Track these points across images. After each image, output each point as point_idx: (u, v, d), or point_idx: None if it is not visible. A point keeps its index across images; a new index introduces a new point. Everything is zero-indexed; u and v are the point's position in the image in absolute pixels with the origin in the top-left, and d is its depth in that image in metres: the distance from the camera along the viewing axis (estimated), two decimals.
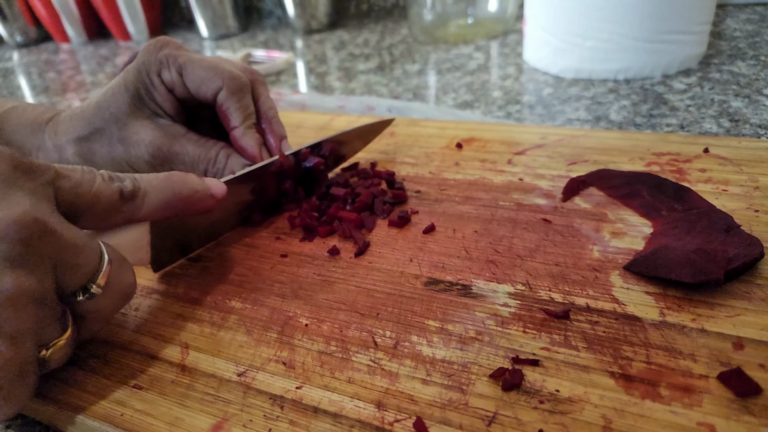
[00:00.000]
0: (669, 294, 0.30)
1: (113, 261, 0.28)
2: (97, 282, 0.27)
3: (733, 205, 0.37)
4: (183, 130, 0.43)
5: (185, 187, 0.33)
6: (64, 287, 0.26)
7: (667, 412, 0.24)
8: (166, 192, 0.32)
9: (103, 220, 0.30)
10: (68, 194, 0.28)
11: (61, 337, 0.26)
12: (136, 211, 0.31)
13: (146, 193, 0.31)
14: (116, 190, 0.30)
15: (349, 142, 0.48)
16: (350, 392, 0.28)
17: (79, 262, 0.26)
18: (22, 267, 0.24)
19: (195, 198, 0.33)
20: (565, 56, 0.67)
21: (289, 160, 0.42)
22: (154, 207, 0.31)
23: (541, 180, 0.43)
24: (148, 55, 0.41)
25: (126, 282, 0.29)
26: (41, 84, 1.03)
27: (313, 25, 1.08)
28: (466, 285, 0.34)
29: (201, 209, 0.34)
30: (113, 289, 0.28)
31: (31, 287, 0.24)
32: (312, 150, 0.44)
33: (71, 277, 0.26)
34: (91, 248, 0.27)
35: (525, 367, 0.27)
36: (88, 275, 0.27)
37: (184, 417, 0.28)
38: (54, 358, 0.26)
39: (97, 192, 0.29)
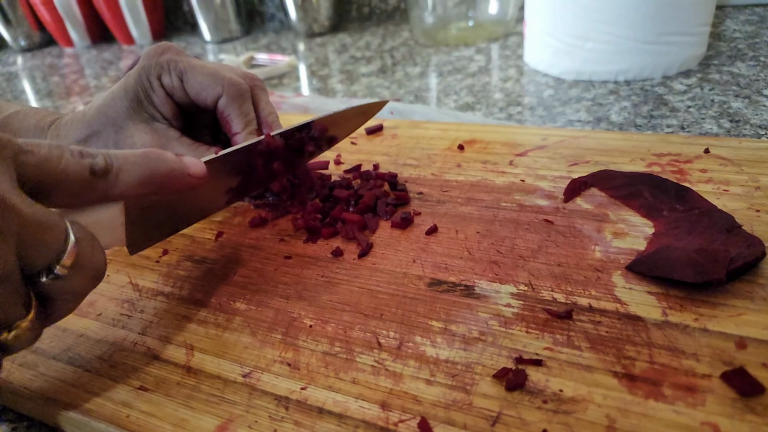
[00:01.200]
0: (671, 294, 0.31)
1: (81, 240, 0.27)
2: (62, 262, 0.26)
3: (734, 205, 0.37)
4: (176, 134, 0.43)
5: (162, 164, 0.31)
6: (28, 266, 0.25)
7: (670, 411, 0.24)
8: (143, 169, 0.30)
9: (74, 198, 0.28)
10: (33, 170, 0.26)
11: (24, 319, 0.25)
12: (109, 188, 0.29)
13: (120, 170, 0.30)
14: (86, 165, 0.28)
15: (341, 123, 0.46)
16: (355, 393, 0.28)
17: (42, 240, 0.25)
18: None
19: (173, 176, 0.32)
20: (566, 58, 0.67)
21: (275, 140, 0.41)
22: (129, 184, 0.30)
23: (543, 181, 0.43)
24: (149, 59, 0.42)
25: (96, 262, 0.28)
26: (45, 88, 1.04)
27: (315, 29, 1.09)
28: (469, 286, 0.34)
29: (179, 188, 0.33)
30: (81, 269, 0.27)
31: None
32: (301, 130, 0.43)
33: (35, 255, 0.25)
34: (56, 226, 0.26)
35: (528, 367, 0.28)
36: (53, 254, 0.26)
37: (189, 418, 0.28)
38: (17, 342, 0.25)
39: (64, 168, 0.27)
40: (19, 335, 0.25)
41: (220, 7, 1.13)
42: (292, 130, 0.42)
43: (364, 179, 0.46)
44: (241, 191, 0.41)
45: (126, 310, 0.36)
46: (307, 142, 0.43)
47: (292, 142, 0.42)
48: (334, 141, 0.47)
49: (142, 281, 0.39)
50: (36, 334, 0.27)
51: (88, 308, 0.37)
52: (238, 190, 0.41)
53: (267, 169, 0.41)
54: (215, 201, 0.40)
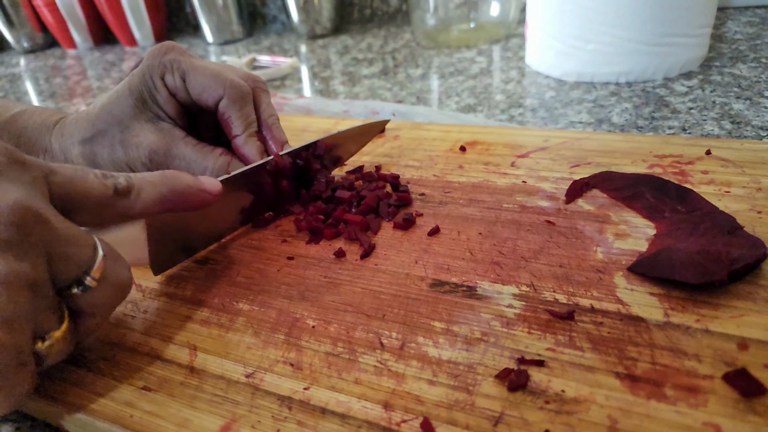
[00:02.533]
0: (673, 295, 0.31)
1: (108, 255, 0.28)
2: (92, 274, 0.27)
3: (736, 207, 0.37)
4: (182, 133, 0.43)
5: (179, 182, 0.33)
6: (59, 278, 0.26)
7: (672, 412, 0.25)
8: (160, 188, 0.32)
9: (98, 216, 0.30)
10: (61, 189, 0.28)
11: (58, 329, 0.27)
12: (131, 206, 0.31)
13: (141, 189, 0.31)
14: (110, 185, 0.30)
15: (343, 144, 0.49)
16: (357, 393, 0.28)
17: (72, 253, 0.27)
18: (16, 252, 0.24)
19: (189, 193, 0.34)
20: (567, 60, 0.68)
21: (284, 159, 0.42)
22: (149, 203, 0.32)
23: (545, 182, 0.43)
24: (152, 58, 0.42)
25: (122, 277, 0.29)
26: (48, 89, 1.04)
27: (317, 31, 1.09)
28: (471, 286, 0.34)
29: (196, 205, 0.35)
30: (109, 282, 0.28)
31: (24, 272, 0.24)
32: (307, 149, 0.45)
33: (65, 267, 0.26)
34: (85, 240, 0.27)
35: (530, 367, 0.28)
36: (82, 267, 0.27)
37: (192, 418, 0.28)
38: (52, 352, 0.27)
39: (90, 187, 0.29)
40: (53, 345, 0.26)
41: (223, 8, 1.13)
42: (299, 150, 0.44)
43: (366, 180, 0.47)
44: (253, 211, 0.43)
45: (129, 310, 0.36)
46: (314, 161, 0.45)
47: (299, 160, 0.44)
48: (339, 161, 0.50)
49: (145, 282, 0.39)
50: (68, 346, 0.28)
51: None
52: (250, 210, 0.43)
53: (276, 188, 0.43)
54: (230, 221, 0.42)
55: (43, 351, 0.26)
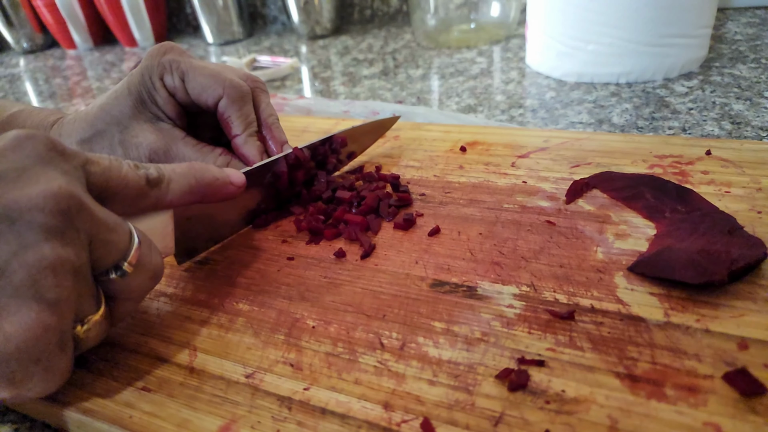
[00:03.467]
0: (673, 295, 0.31)
1: (143, 242, 0.29)
2: (129, 260, 0.28)
3: (736, 207, 0.37)
4: (182, 133, 0.43)
5: (207, 174, 0.35)
6: (98, 264, 0.27)
7: (672, 412, 0.25)
8: (189, 178, 0.34)
9: (131, 205, 0.31)
10: (99, 178, 0.29)
11: (96, 314, 0.28)
12: (162, 196, 0.32)
13: (171, 180, 0.33)
14: (143, 175, 0.31)
15: (358, 139, 0.50)
16: (357, 393, 0.28)
17: (111, 240, 0.27)
18: (61, 238, 0.25)
19: (216, 185, 0.35)
20: (568, 60, 0.68)
21: (303, 152, 0.44)
22: (178, 193, 0.33)
23: (545, 183, 0.43)
24: (151, 59, 0.42)
25: (155, 263, 0.30)
26: (48, 90, 1.04)
27: (318, 31, 1.09)
28: (472, 286, 0.34)
29: (223, 196, 0.36)
30: (143, 269, 0.29)
31: (69, 258, 0.25)
32: (324, 143, 0.46)
33: (104, 253, 0.27)
34: (122, 228, 0.28)
35: (531, 367, 0.28)
36: (120, 253, 0.28)
37: (192, 419, 0.28)
38: (90, 336, 0.28)
39: (125, 177, 0.30)
40: (91, 329, 0.28)
41: (223, 9, 1.13)
42: (316, 144, 0.45)
43: (366, 181, 0.47)
44: (268, 203, 0.44)
45: None
46: (330, 155, 0.47)
47: (316, 155, 0.46)
48: (353, 156, 0.51)
49: None
50: (104, 330, 0.29)
51: None
52: (266, 201, 0.44)
53: (292, 180, 0.44)
54: (249, 212, 0.43)
55: (81, 334, 0.27)
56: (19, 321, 0.24)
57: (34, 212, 0.24)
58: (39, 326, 0.24)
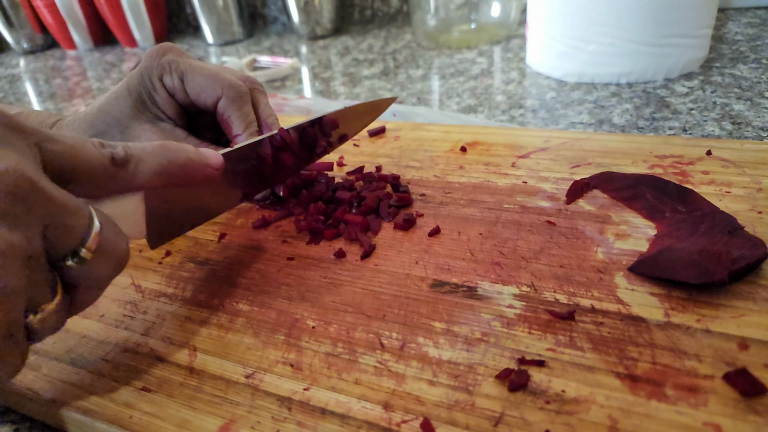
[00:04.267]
0: (673, 295, 0.31)
1: (104, 226, 0.27)
2: (87, 246, 0.26)
3: (737, 207, 0.37)
4: (183, 134, 0.43)
5: (181, 154, 0.32)
6: (54, 249, 0.25)
7: (673, 412, 0.25)
8: (161, 159, 0.31)
9: (96, 187, 0.29)
10: (58, 157, 0.27)
11: (50, 303, 0.26)
12: (130, 178, 0.30)
13: (140, 160, 0.30)
14: (107, 154, 0.29)
15: (350, 121, 0.47)
16: (357, 393, 0.28)
17: (68, 224, 0.25)
18: (9, 222, 0.23)
19: (191, 166, 0.32)
20: (568, 60, 0.68)
21: (290, 134, 0.41)
22: (149, 174, 0.30)
23: (545, 183, 0.43)
24: (151, 59, 0.42)
25: (119, 248, 0.28)
26: (48, 90, 1.04)
27: (318, 31, 1.09)
28: (472, 287, 0.34)
29: (198, 179, 0.33)
30: (105, 254, 0.27)
31: (19, 243, 0.23)
32: (313, 125, 0.44)
33: (60, 238, 0.25)
34: (80, 211, 0.26)
35: (531, 367, 0.28)
36: (78, 238, 0.26)
37: (192, 419, 0.28)
38: (44, 326, 0.26)
39: (87, 156, 0.28)
40: (45, 319, 0.25)
41: (223, 9, 1.13)
42: (304, 125, 0.43)
43: (366, 181, 0.47)
44: (253, 187, 0.42)
45: (129, 311, 0.36)
46: (320, 138, 0.44)
47: (304, 137, 0.43)
48: (344, 138, 0.48)
49: (144, 283, 0.39)
50: (61, 319, 0.27)
51: (91, 309, 0.37)
52: (250, 186, 0.41)
53: (277, 162, 0.41)
54: (229, 196, 0.41)
55: (35, 325, 0.25)
56: None
57: None
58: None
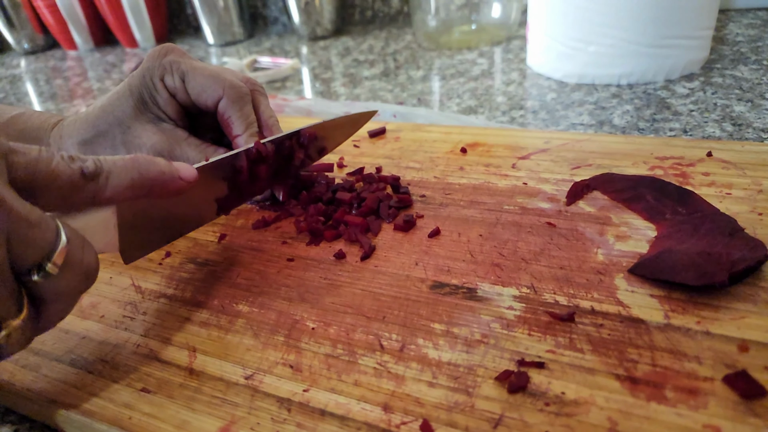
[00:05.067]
0: (673, 297, 0.31)
1: (72, 240, 0.27)
2: (54, 260, 0.25)
3: (737, 209, 0.37)
4: (185, 134, 0.43)
5: (153, 167, 0.32)
6: (18, 263, 0.25)
7: (672, 414, 0.24)
8: (131, 172, 0.30)
9: (65, 200, 0.28)
10: (23, 170, 0.26)
11: (16, 318, 0.25)
12: (99, 191, 0.29)
13: (110, 173, 0.30)
14: (77, 168, 0.28)
15: (329, 135, 0.47)
16: (357, 395, 0.28)
17: (32, 237, 0.25)
18: None
19: (162, 179, 0.32)
20: (569, 61, 0.68)
21: (265, 147, 0.41)
22: (119, 187, 0.30)
23: (545, 184, 0.43)
24: (152, 60, 0.42)
25: (87, 263, 0.27)
26: (48, 91, 1.04)
27: (318, 32, 1.09)
28: (472, 288, 0.34)
29: (170, 191, 0.33)
30: (73, 269, 0.27)
31: None
32: (291, 138, 0.44)
33: (24, 252, 0.25)
34: (46, 224, 0.26)
35: (530, 369, 0.28)
36: (43, 252, 0.25)
37: (191, 420, 0.28)
38: (11, 342, 0.25)
39: (55, 169, 0.27)
40: (11, 335, 0.25)
41: (224, 10, 1.13)
42: (282, 138, 0.43)
43: (366, 182, 0.47)
44: (230, 200, 0.41)
45: (129, 312, 0.36)
46: (297, 150, 0.44)
47: (282, 149, 0.43)
48: (324, 151, 0.48)
49: (144, 283, 0.39)
50: (27, 336, 0.26)
51: (91, 310, 0.37)
52: (227, 199, 0.41)
53: (252, 175, 0.41)
54: (205, 210, 0.41)
55: (1, 341, 0.25)
56: None
57: None
58: None
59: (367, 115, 0.50)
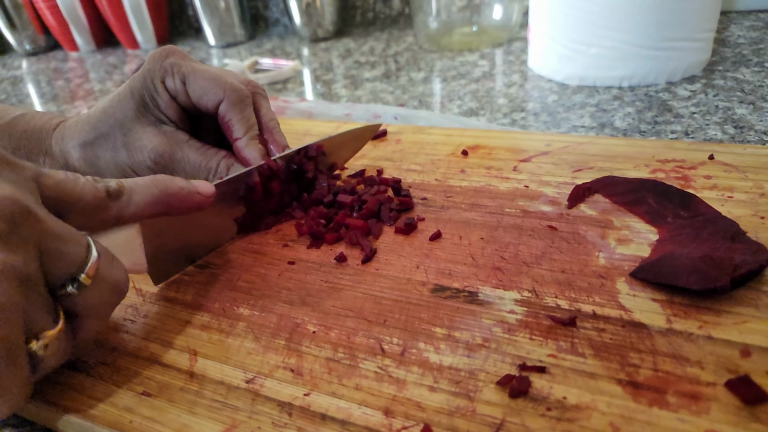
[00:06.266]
0: (675, 301, 0.31)
1: (102, 255, 0.28)
2: (86, 272, 0.27)
3: (739, 212, 0.37)
4: (186, 137, 0.43)
5: (172, 184, 0.33)
6: (53, 276, 0.26)
7: (674, 419, 0.24)
8: (152, 189, 0.32)
9: (91, 218, 0.30)
10: (52, 190, 0.28)
11: (52, 329, 0.26)
12: (123, 208, 0.31)
13: (132, 191, 0.32)
14: (102, 188, 0.30)
15: (336, 150, 0.49)
16: (358, 399, 0.28)
17: (65, 251, 0.26)
18: (5, 244, 0.24)
19: (181, 195, 0.34)
20: (570, 63, 0.68)
21: (276, 163, 0.42)
22: (142, 204, 0.32)
23: (547, 187, 0.43)
24: (153, 62, 0.42)
25: (117, 278, 0.29)
26: (50, 92, 1.04)
27: (320, 33, 1.09)
28: (473, 292, 0.34)
29: (190, 206, 0.35)
30: (104, 282, 0.28)
31: (15, 264, 0.24)
32: (299, 153, 0.45)
33: (58, 265, 0.26)
34: (77, 239, 0.27)
35: (532, 374, 0.28)
36: (75, 265, 0.27)
37: (192, 424, 0.28)
38: (49, 354, 0.26)
39: (81, 189, 0.29)
40: (49, 346, 0.26)
41: (225, 11, 1.13)
42: (291, 154, 0.44)
43: (367, 185, 0.46)
44: (247, 218, 0.43)
45: (129, 315, 0.36)
46: (306, 163, 0.45)
47: (292, 164, 0.44)
48: (334, 167, 0.50)
49: (145, 286, 0.39)
50: (66, 348, 0.28)
51: None
52: (245, 218, 0.43)
53: (266, 191, 0.43)
54: (226, 229, 0.42)
55: (38, 351, 0.26)
56: None
57: None
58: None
59: (373, 128, 0.51)
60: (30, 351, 0.25)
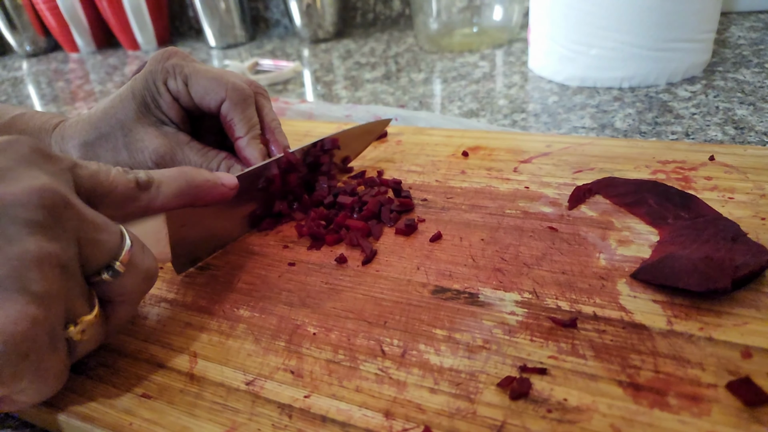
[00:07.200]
0: (676, 302, 0.30)
1: (134, 243, 0.29)
2: (121, 259, 0.28)
3: (740, 213, 0.36)
4: (187, 138, 0.43)
5: (198, 176, 0.35)
6: (89, 264, 0.27)
7: (675, 421, 0.24)
8: (179, 181, 0.34)
9: (122, 208, 0.32)
10: (87, 181, 0.29)
11: (89, 314, 0.27)
12: (152, 199, 0.33)
13: (161, 182, 0.33)
14: (132, 179, 0.32)
15: (349, 143, 0.50)
16: (358, 401, 0.28)
17: (101, 239, 0.28)
18: (45, 233, 0.25)
19: (207, 186, 0.35)
20: (570, 64, 0.67)
21: (294, 155, 0.44)
22: (170, 195, 0.33)
23: (547, 188, 0.43)
24: (155, 63, 0.42)
25: (148, 264, 0.30)
26: (50, 93, 1.04)
27: (320, 35, 1.09)
28: (473, 293, 0.34)
29: (215, 198, 0.36)
30: (136, 269, 0.29)
31: (55, 252, 0.25)
32: (314, 146, 0.46)
33: (94, 253, 0.27)
34: (111, 228, 0.28)
35: (533, 375, 0.28)
36: (110, 253, 0.28)
37: (192, 426, 0.28)
38: (83, 339, 0.27)
39: (114, 180, 0.31)
40: (85, 331, 0.27)
41: (225, 12, 1.13)
42: (308, 147, 0.46)
43: (368, 186, 0.46)
44: (265, 208, 0.44)
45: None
46: (321, 156, 0.47)
47: (308, 157, 0.46)
48: (347, 160, 0.51)
49: None
50: (101, 333, 0.29)
51: None
52: (263, 207, 0.44)
53: (284, 183, 0.44)
54: (245, 218, 0.43)
55: (75, 336, 0.27)
56: (5, 314, 0.23)
57: (17, 208, 0.25)
58: (25, 319, 0.24)
59: (384, 123, 0.53)
60: (67, 336, 0.27)
